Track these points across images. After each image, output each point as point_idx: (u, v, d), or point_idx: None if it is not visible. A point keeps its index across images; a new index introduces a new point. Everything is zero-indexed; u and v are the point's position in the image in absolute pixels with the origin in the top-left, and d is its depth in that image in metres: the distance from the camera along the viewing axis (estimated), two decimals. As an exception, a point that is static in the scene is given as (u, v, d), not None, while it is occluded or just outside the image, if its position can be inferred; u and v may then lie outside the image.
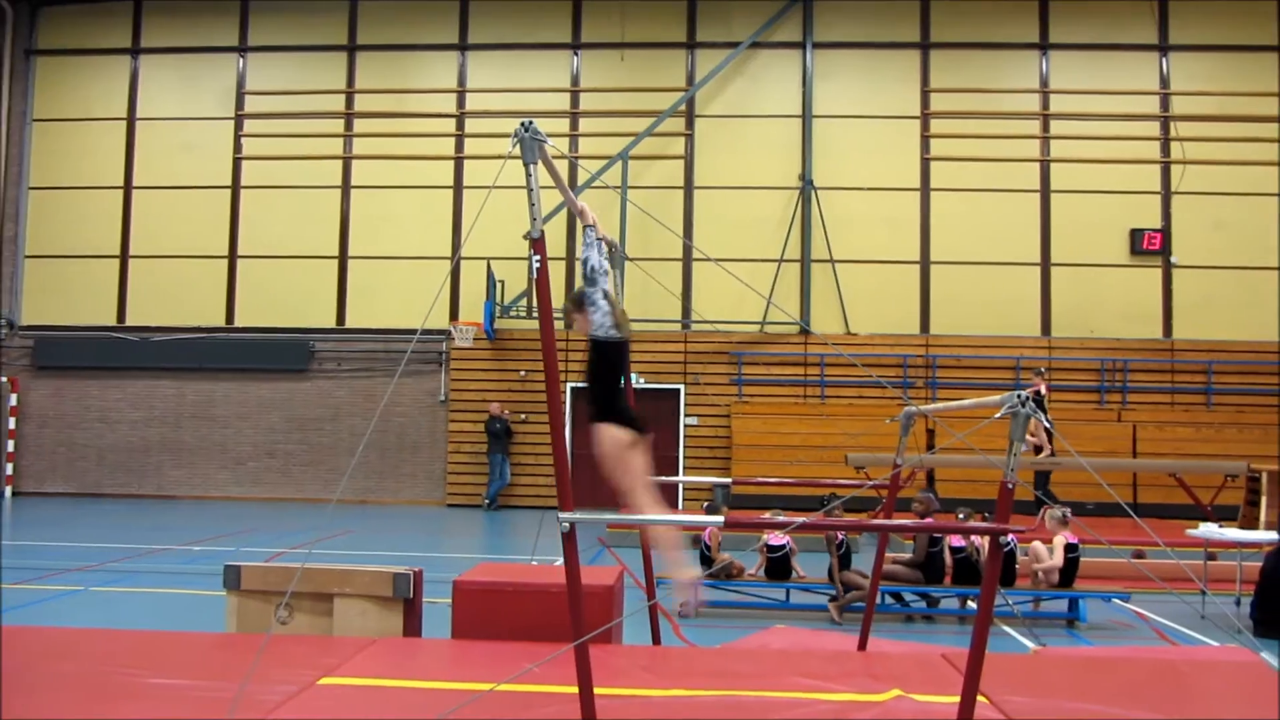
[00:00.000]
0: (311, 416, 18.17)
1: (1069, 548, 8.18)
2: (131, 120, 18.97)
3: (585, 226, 4.77)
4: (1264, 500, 11.99)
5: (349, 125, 18.66)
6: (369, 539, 12.92)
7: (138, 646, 5.12)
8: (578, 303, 4.68)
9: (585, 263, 4.71)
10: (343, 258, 18.43)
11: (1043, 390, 13.88)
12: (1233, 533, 9.43)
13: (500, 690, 4.09)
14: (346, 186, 18.55)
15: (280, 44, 18.88)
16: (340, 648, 5.02)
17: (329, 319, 18.35)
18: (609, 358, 4.65)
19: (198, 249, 18.52)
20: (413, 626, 5.56)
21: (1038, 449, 13.47)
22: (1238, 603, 8.72)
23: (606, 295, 4.62)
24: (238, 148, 18.72)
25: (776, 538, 8.33)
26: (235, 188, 18.67)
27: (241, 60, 18.96)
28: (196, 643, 5.38)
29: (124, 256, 18.72)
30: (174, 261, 18.53)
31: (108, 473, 18.31)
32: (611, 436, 4.56)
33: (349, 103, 18.68)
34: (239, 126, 18.77)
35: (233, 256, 18.56)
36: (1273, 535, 8.22)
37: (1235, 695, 4.58)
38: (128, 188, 18.83)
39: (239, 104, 18.81)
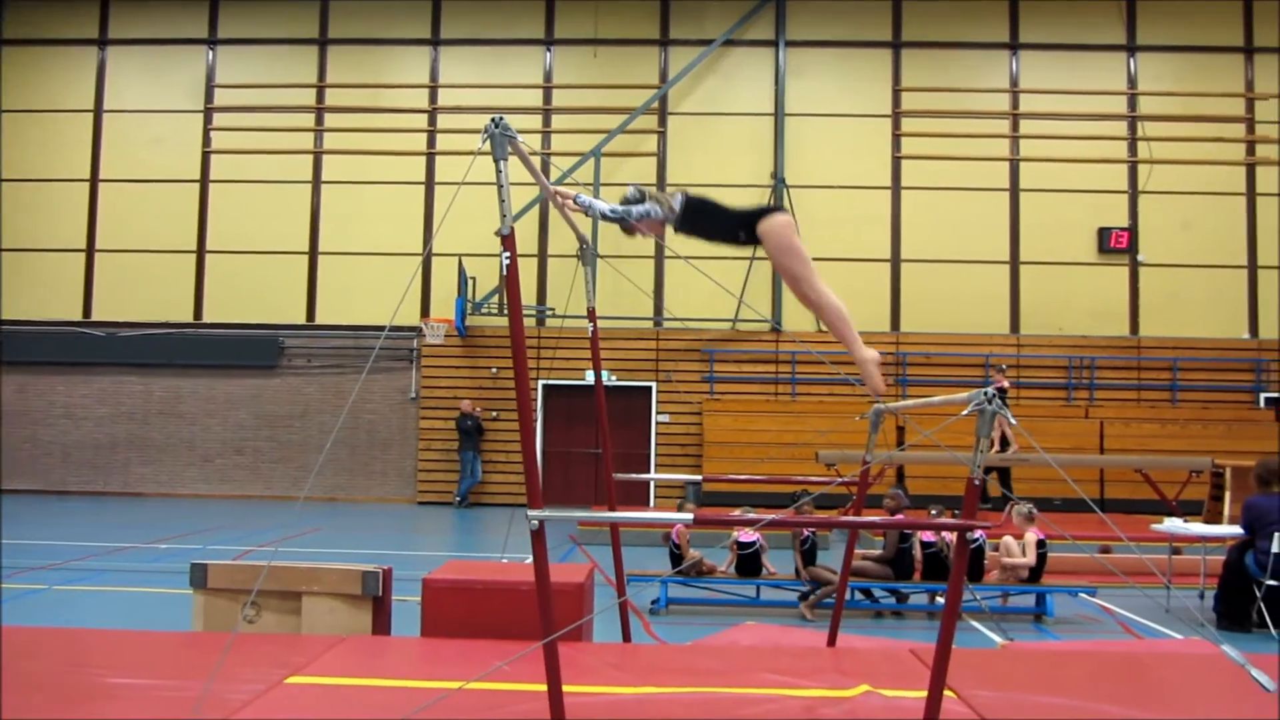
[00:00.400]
0: (281, 413, 18.03)
1: (1038, 544, 8.26)
2: (99, 112, 18.75)
3: (575, 201, 4.71)
4: (1228, 495, 12.15)
5: (320, 120, 18.53)
6: (338, 537, 12.85)
7: (101, 646, 5.06)
8: (627, 228, 4.61)
9: (604, 215, 4.63)
10: (313, 253, 18.31)
11: (1005, 386, 14.00)
12: (1197, 527, 9.54)
13: (469, 689, 4.08)
14: (317, 181, 18.42)
15: (250, 36, 18.72)
16: (308, 646, 4.98)
17: (299, 315, 18.22)
18: (699, 208, 4.60)
19: (166, 243, 18.33)
20: (382, 625, 5.53)
21: (1004, 444, 13.58)
22: (1201, 596, 8.83)
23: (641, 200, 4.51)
24: (207, 141, 18.54)
25: (747, 535, 8.35)
26: (204, 182, 18.50)
27: (211, 53, 18.77)
28: (162, 642, 5.32)
29: (90, 250, 18.50)
30: (142, 256, 18.33)
31: (73, 470, 18.09)
32: (784, 221, 4.43)
33: (320, 97, 18.55)
34: (208, 120, 18.59)
35: (201, 251, 18.39)
36: (1235, 530, 8.33)
37: (1197, 687, 4.64)
38: (94, 180, 18.61)
39: (208, 97, 18.63)
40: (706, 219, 4.54)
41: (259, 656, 4.71)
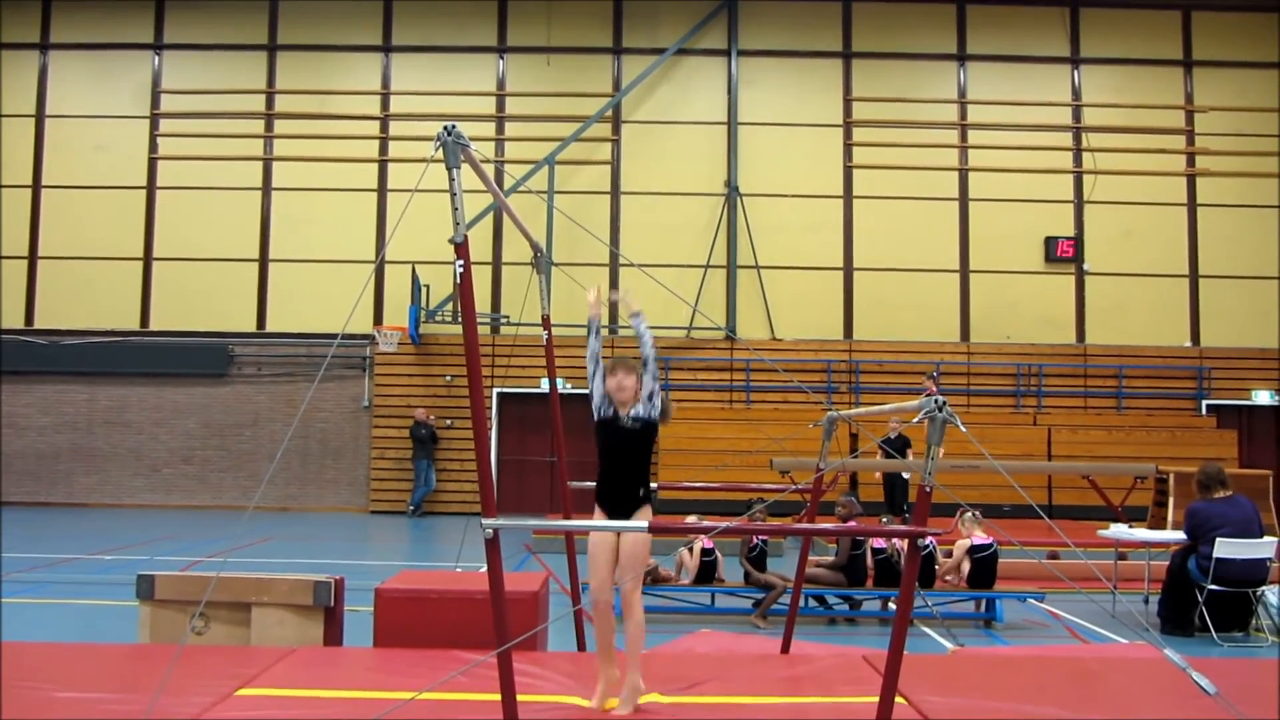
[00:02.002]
0: (230, 422, 17.79)
1: (979, 548, 8.36)
2: (41, 117, 18.41)
3: (631, 316, 4.64)
4: (1171, 501, 12.38)
5: (269, 126, 18.34)
6: (290, 547, 12.68)
7: (44, 659, 4.95)
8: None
9: (647, 345, 4.59)
10: (263, 260, 18.09)
11: (934, 391, 14.16)
12: (1141, 533, 9.71)
13: (423, 699, 4.05)
14: (267, 188, 18.21)
15: (198, 42, 18.47)
16: (258, 658, 4.92)
17: (249, 322, 17.99)
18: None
19: (111, 250, 18.02)
20: (334, 635, 5.47)
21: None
22: (1146, 601, 8.99)
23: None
24: (153, 147, 18.27)
25: (709, 542, 8.39)
26: (151, 188, 18.21)
27: (157, 58, 18.50)
28: (107, 654, 5.23)
29: (32, 257, 18.13)
30: (86, 263, 18.00)
31: (14, 480, 17.67)
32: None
33: (269, 103, 18.36)
34: (154, 126, 18.32)
35: (148, 258, 18.10)
36: (1178, 535, 8.49)
37: (1140, 691, 4.73)
38: (36, 186, 18.25)
39: (154, 102, 18.36)
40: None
41: (208, 668, 4.64)
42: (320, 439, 17.73)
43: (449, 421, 17.47)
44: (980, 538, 8.44)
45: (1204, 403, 17.88)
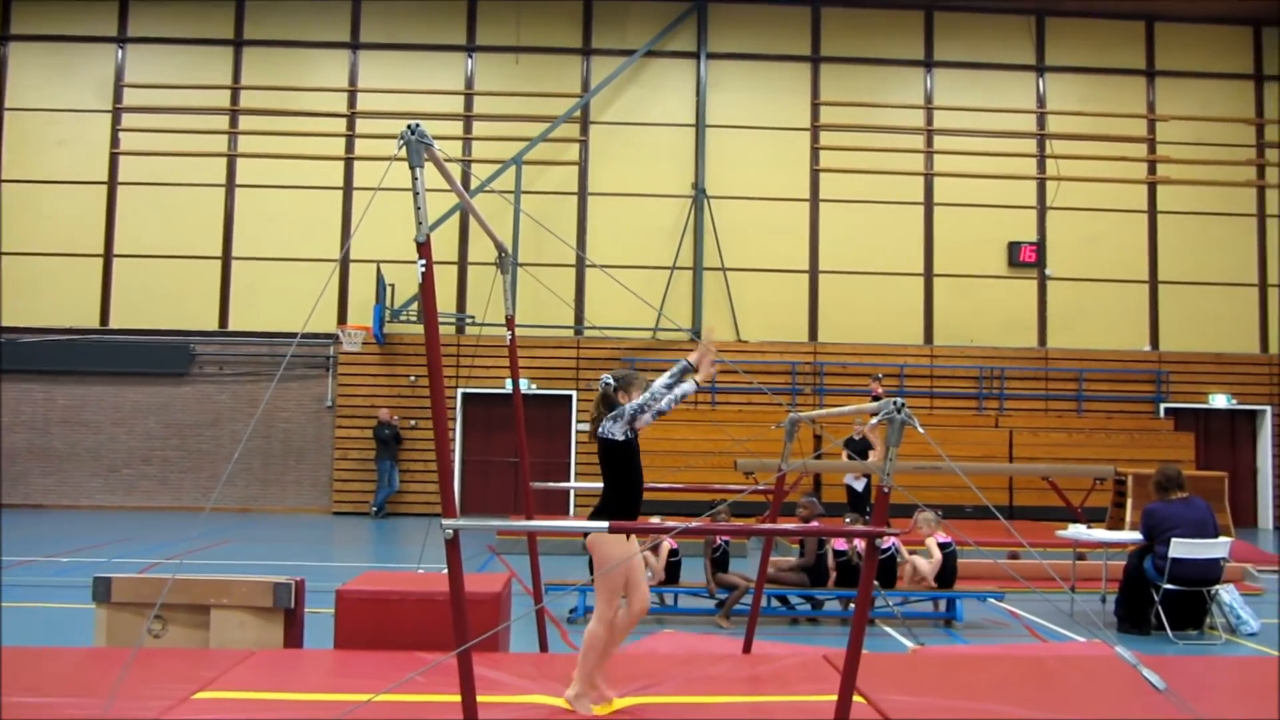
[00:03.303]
0: (191, 422, 17.59)
1: (940, 545, 8.45)
2: (0, 110, 18.11)
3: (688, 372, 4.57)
4: (1129, 502, 12.56)
5: (234, 122, 18.16)
6: (251, 548, 12.57)
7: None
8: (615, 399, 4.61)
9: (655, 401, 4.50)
10: (226, 258, 17.91)
11: (879, 394, 14.26)
12: (1099, 533, 9.84)
13: (383, 701, 4.04)
14: (231, 185, 18.04)
15: (162, 35, 18.25)
16: (217, 660, 4.88)
17: (211, 321, 17.80)
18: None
19: (71, 246, 17.76)
20: (294, 637, 5.44)
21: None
22: (1103, 600, 9.11)
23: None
24: (115, 142, 18.03)
25: (674, 543, 8.41)
26: (112, 183, 17.97)
27: (120, 51, 18.27)
28: (63, 658, 5.16)
29: (-10, 253, 17.85)
30: (45, 259, 17.73)
31: (-31, 481, 17.39)
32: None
33: (234, 99, 18.18)
34: (117, 120, 18.08)
35: (108, 255, 17.87)
36: (1135, 536, 8.62)
37: (1095, 688, 4.80)
38: (-5, 181, 17.97)
39: (117, 97, 18.12)
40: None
41: (165, 672, 4.60)
42: (282, 439, 17.58)
43: (413, 422, 17.38)
44: (941, 536, 8.53)
45: (1162, 406, 18.15)
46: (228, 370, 17.69)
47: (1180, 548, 7.80)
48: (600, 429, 4.50)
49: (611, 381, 4.64)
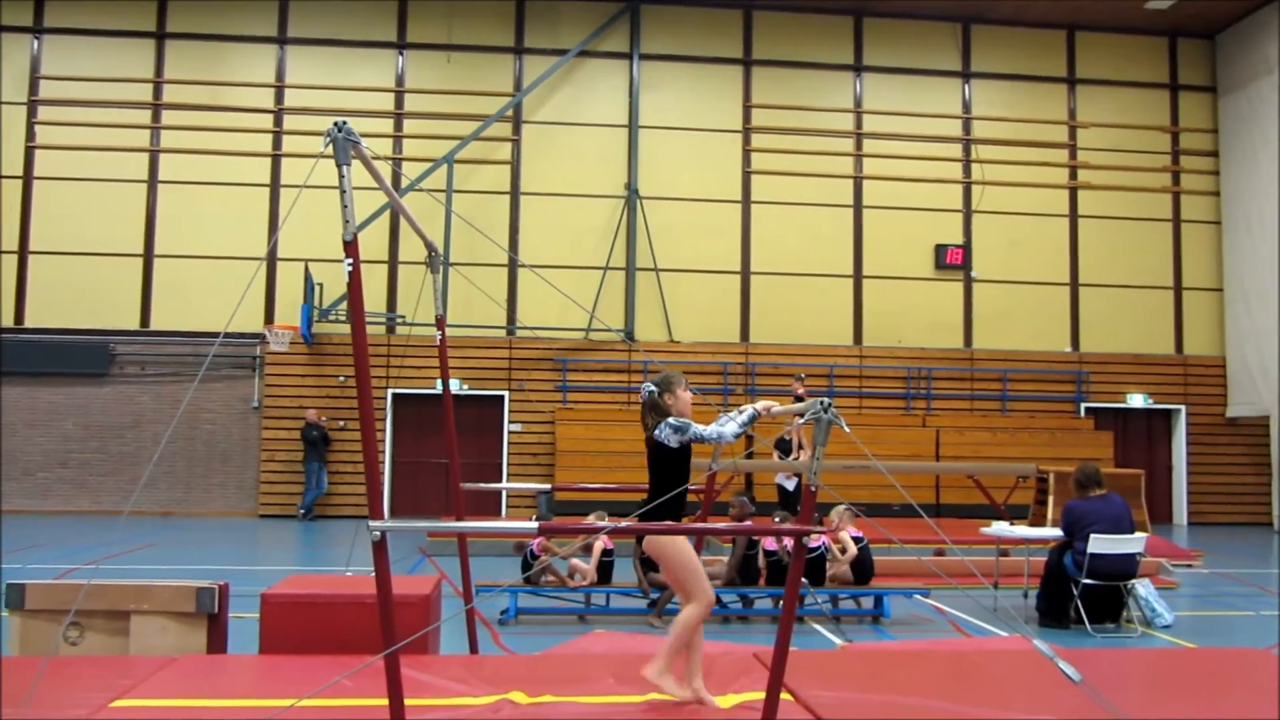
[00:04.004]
0: (111, 424, 17.14)
1: (853, 540, 8.59)
2: (-93, 102, 17.48)
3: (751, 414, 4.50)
4: (1051, 499, 12.88)
5: (156, 116, 17.73)
6: (174, 552, 12.29)
7: (-96, 674, 4.70)
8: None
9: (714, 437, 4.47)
10: (148, 255, 17.48)
11: (801, 394, 14.44)
12: (1021, 530, 10.07)
13: (310, 705, 3.98)
14: (154, 180, 17.61)
15: (81, 27, 17.74)
16: (137, 668, 4.76)
17: (132, 320, 17.36)
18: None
19: (-17, 243, 17.21)
20: (218, 643, 5.33)
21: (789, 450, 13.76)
22: (1025, 595, 9.32)
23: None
24: (31, 135, 17.49)
25: (609, 542, 8.41)
26: (28, 178, 17.43)
27: (36, 42, 17.72)
28: (-27, 667, 4.99)
29: (-103, 249, 17.21)
30: (-44, 256, 17.15)
31: (-125, 485, 16.74)
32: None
33: (157, 93, 17.75)
34: (32, 113, 17.54)
35: (24, 251, 17.32)
36: (1056, 532, 8.83)
37: (1015, 681, 4.91)
38: (-98, 175, 17.32)
39: (33, 88, 17.58)
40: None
41: (81, 680, 4.48)
42: (207, 441, 17.22)
43: (342, 423, 17.14)
44: (854, 531, 8.68)
45: (1083, 405, 18.64)
46: (150, 371, 17.27)
47: (1098, 543, 8.02)
48: (657, 433, 4.57)
49: (654, 389, 4.71)
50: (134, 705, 4.21)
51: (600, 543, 8.39)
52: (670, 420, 4.55)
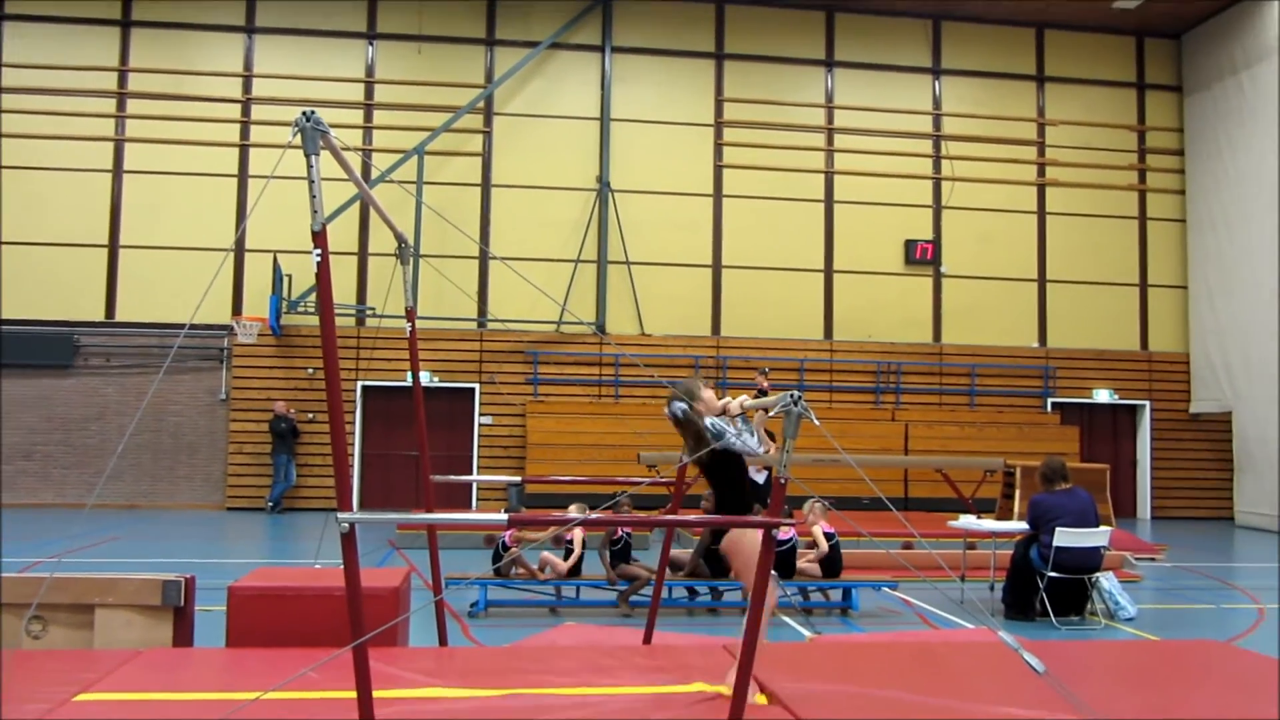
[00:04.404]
0: (75, 416, 16.93)
1: (825, 536, 8.65)
2: None
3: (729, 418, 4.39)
4: (1017, 493, 13.02)
5: (122, 105, 17.51)
6: (140, 545, 12.18)
7: None
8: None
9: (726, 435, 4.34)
10: (113, 246, 17.28)
11: (764, 387, 14.52)
12: (988, 523, 10.16)
13: (277, 698, 3.95)
14: (119, 170, 17.39)
15: (43, 14, 17.47)
16: (101, 661, 4.71)
17: (97, 311, 17.15)
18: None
19: (-56, 232, 16.92)
20: (184, 636, 5.28)
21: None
22: (991, 588, 9.42)
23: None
24: (-7, 123, 17.23)
25: (585, 533, 8.43)
26: (-10, 167, 17.17)
27: (-2, 29, 17.44)
28: (-67, 662, 4.92)
29: None
30: (-84, 245, 16.86)
31: None
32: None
33: (122, 81, 17.52)
34: (-5, 100, 17.28)
35: (-14, 241, 17.07)
36: (1022, 525, 8.93)
37: (981, 672, 4.96)
38: None
39: (-5, 76, 17.32)
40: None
41: (45, 674, 4.43)
42: (173, 433, 17.04)
43: (311, 415, 17.03)
44: (826, 526, 8.73)
45: (1049, 400, 18.84)
46: (115, 362, 17.06)
47: (1064, 537, 8.11)
48: (720, 441, 4.38)
49: (684, 406, 4.47)
50: (98, 699, 4.17)
51: (579, 534, 8.39)
52: (716, 432, 4.37)
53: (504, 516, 3.83)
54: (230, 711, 3.66)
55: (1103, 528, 8.48)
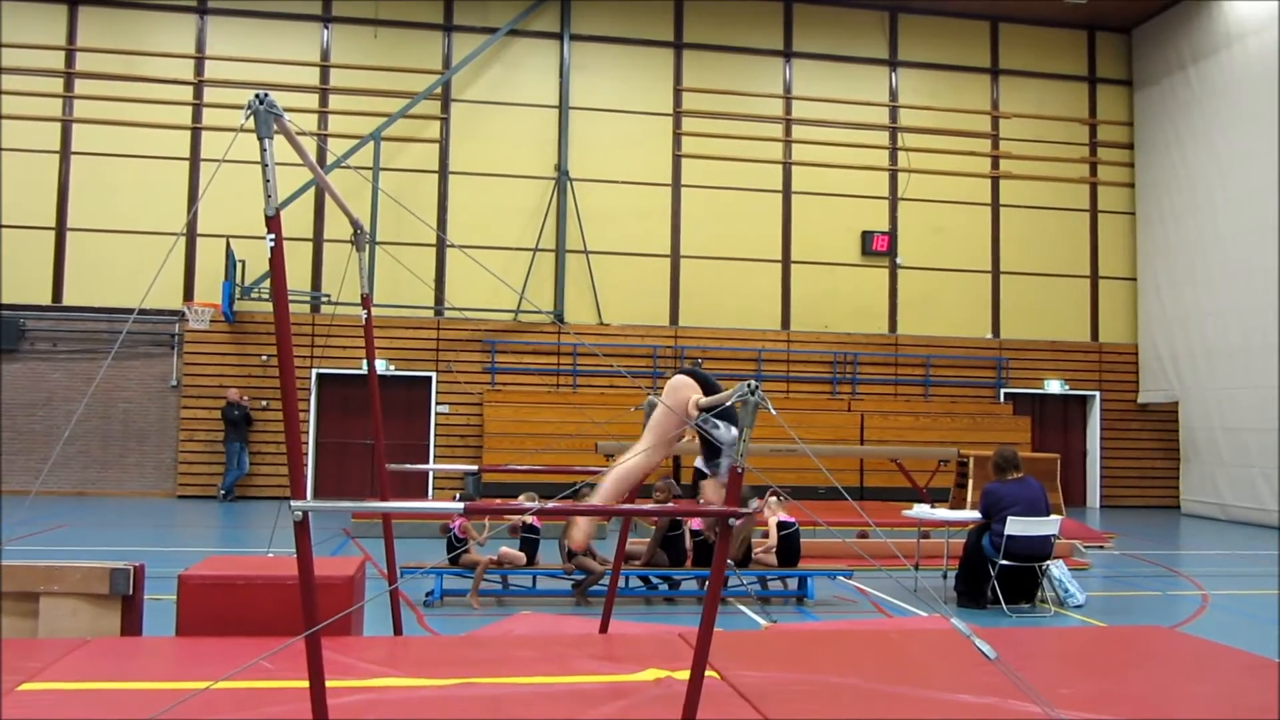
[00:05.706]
0: (21, 401, 16.58)
1: (783, 525, 8.72)
2: None
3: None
4: (971, 482, 13.18)
5: (70, 85, 17.13)
6: (88, 533, 11.98)
7: None
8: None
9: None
10: (60, 229, 16.93)
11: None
12: (942, 513, 10.28)
13: (227, 688, 3.90)
14: (66, 151, 17.03)
15: (-12, -10, 17.07)
16: (46, 651, 4.62)
17: (44, 295, 16.80)
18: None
19: (-116, 213, 16.48)
20: (132, 625, 5.19)
21: None
22: (945, 576, 9.54)
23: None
24: (-65, 102, 16.79)
25: (537, 523, 8.41)
26: (-69, 147, 16.74)
27: (-59, 5, 17.00)
28: None
29: None
30: None
31: None
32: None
33: (69, 60, 17.14)
34: (-63, 79, 16.84)
35: (-72, 223, 16.65)
36: (975, 514, 9.04)
37: (933, 659, 5.03)
38: None
39: (-63, 54, 16.87)
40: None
41: (-13, 664, 4.33)
42: (123, 420, 16.76)
43: (264, 403, 16.82)
44: (784, 516, 8.79)
45: (1002, 391, 19.08)
46: (62, 347, 16.73)
47: (1015, 525, 8.23)
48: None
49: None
50: (43, 688, 4.09)
51: (531, 523, 8.37)
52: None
53: (460, 505, 3.80)
54: (179, 701, 3.60)
55: (1053, 516, 8.62)
